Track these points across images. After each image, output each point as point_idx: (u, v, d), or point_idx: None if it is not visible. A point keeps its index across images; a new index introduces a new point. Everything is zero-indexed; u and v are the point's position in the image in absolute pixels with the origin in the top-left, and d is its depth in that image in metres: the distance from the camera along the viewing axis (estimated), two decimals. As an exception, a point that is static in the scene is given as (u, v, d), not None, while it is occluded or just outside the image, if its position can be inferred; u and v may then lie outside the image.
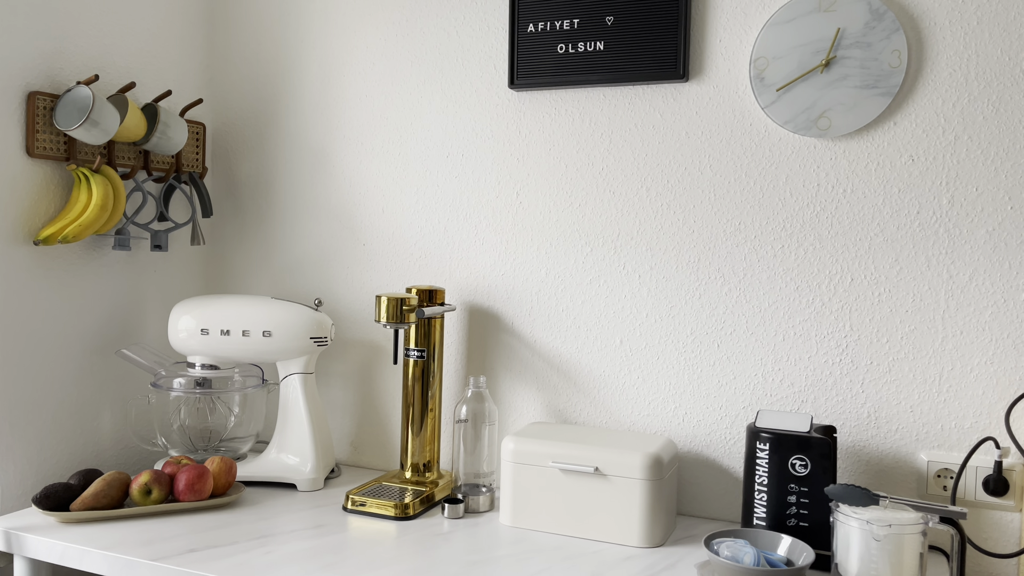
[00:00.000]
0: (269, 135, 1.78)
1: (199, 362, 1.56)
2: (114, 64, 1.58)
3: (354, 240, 1.70)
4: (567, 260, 1.53)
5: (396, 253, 1.67)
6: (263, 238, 1.79)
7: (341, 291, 1.72)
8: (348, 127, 1.70)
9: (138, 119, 1.54)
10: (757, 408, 1.40)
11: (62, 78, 1.48)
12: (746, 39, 1.39)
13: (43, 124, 1.44)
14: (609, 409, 1.51)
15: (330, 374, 1.74)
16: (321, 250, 1.74)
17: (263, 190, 1.78)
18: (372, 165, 1.68)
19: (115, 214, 1.51)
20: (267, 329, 1.53)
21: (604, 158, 1.50)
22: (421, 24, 1.63)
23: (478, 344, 1.61)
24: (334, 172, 1.72)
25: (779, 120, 1.36)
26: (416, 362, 1.52)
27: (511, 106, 1.56)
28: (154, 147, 1.58)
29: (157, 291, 1.71)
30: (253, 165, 1.79)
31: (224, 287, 1.84)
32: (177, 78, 1.73)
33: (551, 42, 1.50)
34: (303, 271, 1.76)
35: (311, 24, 1.72)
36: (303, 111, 1.74)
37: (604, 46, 1.47)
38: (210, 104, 1.82)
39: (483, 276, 1.60)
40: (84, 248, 1.54)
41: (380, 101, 1.67)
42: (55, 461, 1.50)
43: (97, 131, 1.44)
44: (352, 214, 1.70)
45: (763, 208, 1.39)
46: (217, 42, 1.81)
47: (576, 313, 1.53)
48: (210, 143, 1.83)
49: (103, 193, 1.46)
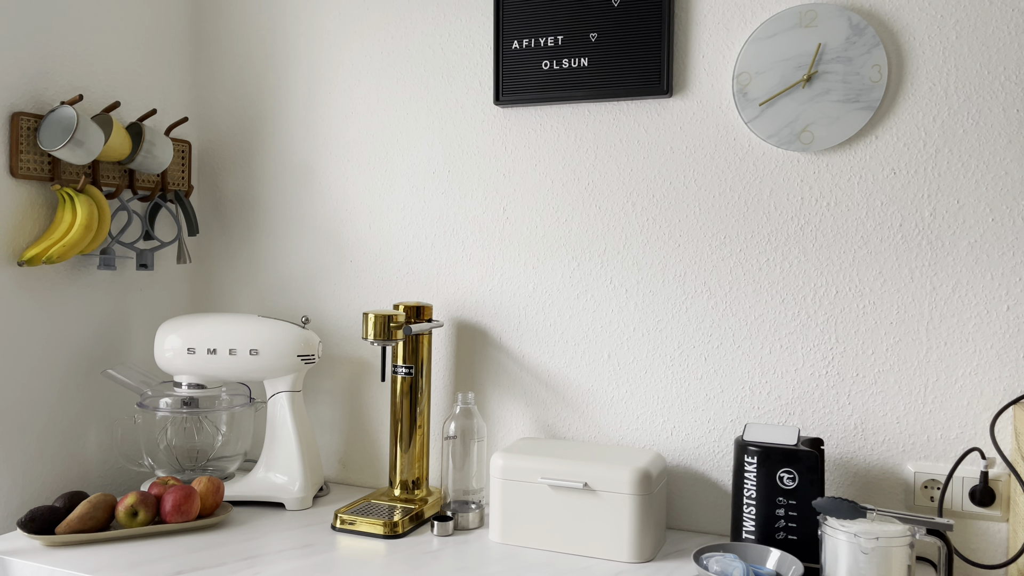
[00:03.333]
0: (255, 152, 1.78)
1: (186, 381, 1.55)
2: (99, 83, 1.58)
3: (341, 257, 1.70)
4: (554, 275, 1.54)
5: (383, 269, 1.67)
6: (250, 256, 1.79)
7: (328, 308, 1.72)
8: (334, 144, 1.70)
9: (123, 138, 1.53)
10: (745, 421, 1.41)
11: (46, 98, 1.48)
12: (729, 54, 1.40)
13: (27, 144, 1.43)
14: (598, 424, 1.51)
15: (318, 391, 1.74)
16: (308, 267, 1.73)
17: (249, 207, 1.78)
18: (359, 182, 1.68)
19: (100, 234, 1.51)
20: (254, 347, 1.52)
21: (590, 173, 1.51)
22: (406, 41, 1.63)
23: (466, 360, 1.61)
24: (321, 189, 1.72)
25: (762, 134, 1.37)
26: (404, 379, 1.52)
27: (497, 122, 1.57)
28: (139, 166, 1.58)
29: (143, 310, 1.71)
30: (239, 182, 1.79)
31: (211, 305, 1.83)
32: (162, 96, 1.73)
33: (536, 59, 1.51)
34: (290, 288, 1.75)
35: (297, 41, 1.73)
36: (289, 128, 1.74)
37: (588, 62, 1.48)
38: (196, 122, 1.82)
39: (470, 291, 1.60)
40: (69, 268, 1.54)
41: (366, 118, 1.67)
42: (41, 483, 1.49)
43: (82, 151, 1.43)
44: (339, 231, 1.70)
45: (748, 221, 1.40)
46: (203, 60, 1.81)
47: (564, 328, 1.53)
48: (196, 161, 1.82)
49: (88, 213, 1.46)
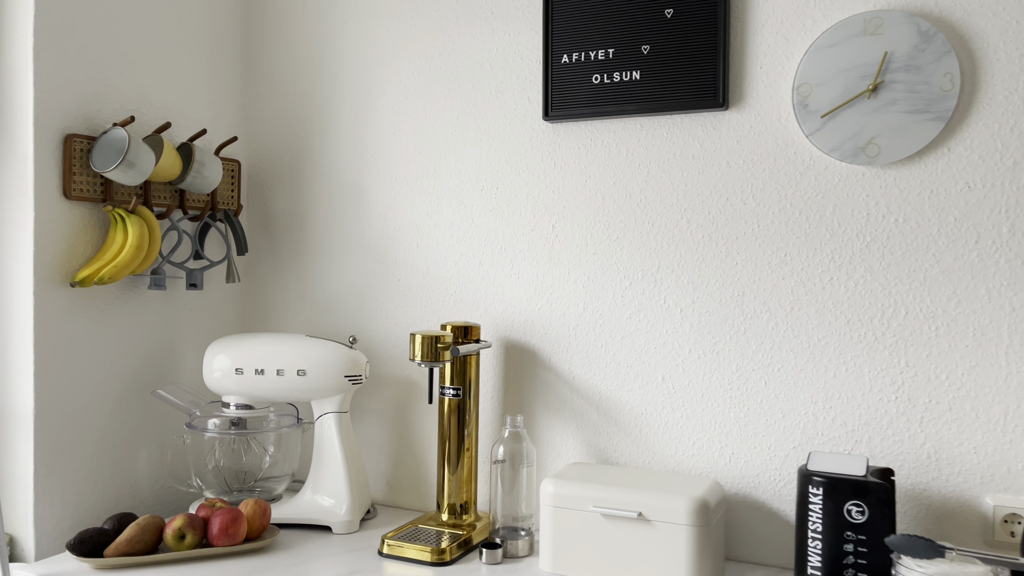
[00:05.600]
0: (303, 171, 1.77)
1: (234, 402, 1.54)
2: (150, 105, 1.59)
3: (388, 275, 1.68)
4: (605, 294, 1.49)
5: (431, 288, 1.64)
6: (298, 274, 1.78)
7: (376, 327, 1.70)
8: (382, 162, 1.69)
9: (173, 159, 1.54)
10: (808, 448, 1.34)
11: (99, 120, 1.49)
12: (788, 65, 1.34)
13: (80, 166, 1.44)
14: (652, 449, 1.45)
15: (365, 411, 1.71)
16: (356, 286, 1.72)
17: (298, 226, 1.78)
18: (406, 200, 1.66)
19: (151, 254, 1.51)
20: (301, 368, 1.51)
21: (642, 189, 1.46)
22: (454, 57, 1.61)
23: (514, 381, 1.57)
24: (368, 207, 1.70)
25: (824, 148, 1.31)
26: (452, 400, 1.48)
27: (546, 138, 1.53)
28: (189, 186, 1.59)
29: (193, 330, 1.71)
30: (288, 201, 1.79)
31: (259, 324, 1.83)
32: (212, 116, 1.74)
33: (586, 72, 1.47)
34: (338, 307, 1.74)
35: (345, 60, 1.72)
36: (337, 146, 1.73)
37: (640, 75, 1.43)
38: (245, 141, 1.82)
39: (519, 311, 1.56)
40: (120, 288, 1.54)
41: (413, 135, 1.65)
42: (91, 503, 1.49)
43: (133, 172, 1.44)
44: (386, 249, 1.68)
45: (810, 239, 1.33)
46: (252, 80, 1.82)
47: (616, 349, 1.48)
48: (245, 180, 1.83)
49: (139, 233, 1.46)
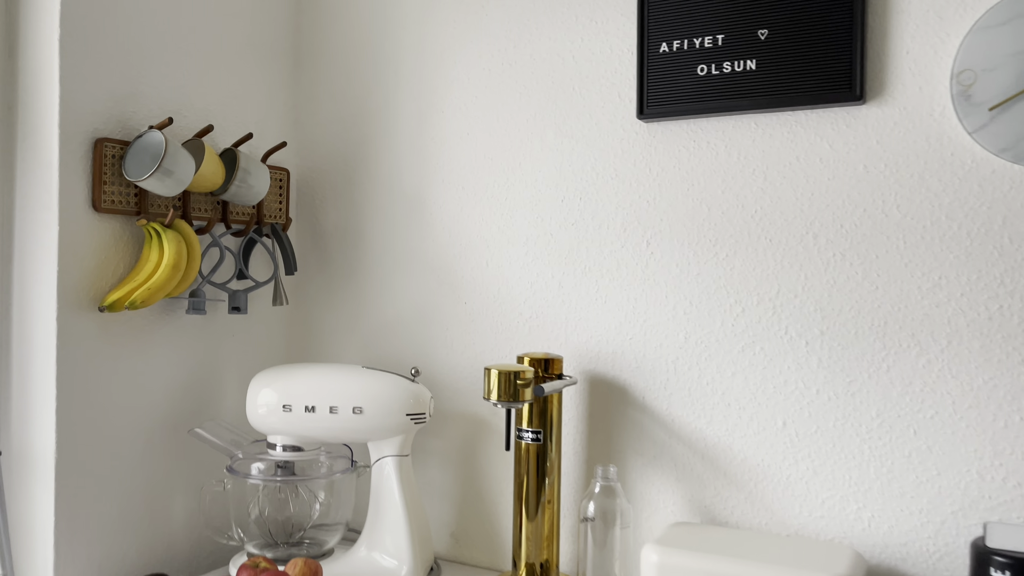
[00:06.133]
0: (359, 180, 1.58)
1: (280, 442, 1.35)
2: (190, 106, 1.42)
3: (454, 298, 1.48)
4: (712, 322, 1.27)
5: (503, 313, 1.44)
6: (352, 296, 1.59)
7: (440, 357, 1.50)
8: (447, 169, 1.49)
9: (216, 166, 1.36)
10: (972, 515, 1.10)
11: (134, 123, 1.32)
12: (943, 49, 1.11)
13: (111, 175, 1.27)
14: (770, 508, 1.22)
15: (427, 452, 1.51)
16: (417, 309, 1.52)
17: (352, 242, 1.59)
18: (474, 212, 1.46)
19: (189, 274, 1.33)
20: (358, 405, 1.31)
21: (758, 199, 1.24)
22: (530, 50, 1.41)
23: (601, 423, 1.35)
24: (431, 220, 1.51)
25: (993, 148, 1.07)
26: (530, 446, 1.27)
27: (640, 140, 1.32)
28: (233, 197, 1.41)
29: (235, 359, 1.53)
30: (342, 214, 1.60)
31: (309, 352, 1.64)
32: (259, 119, 1.56)
33: (689, 63, 1.26)
34: (397, 334, 1.54)
35: (405, 57, 1.53)
36: (397, 153, 1.54)
37: (756, 64, 1.22)
38: (295, 147, 1.64)
39: (607, 341, 1.35)
40: (154, 313, 1.37)
41: (484, 139, 1.46)
42: (119, 558, 1.31)
43: (170, 181, 1.26)
44: (452, 268, 1.48)
45: (972, 259, 1.10)
46: (303, 80, 1.64)
47: (725, 387, 1.26)
48: (295, 191, 1.65)
49: (176, 251, 1.29)
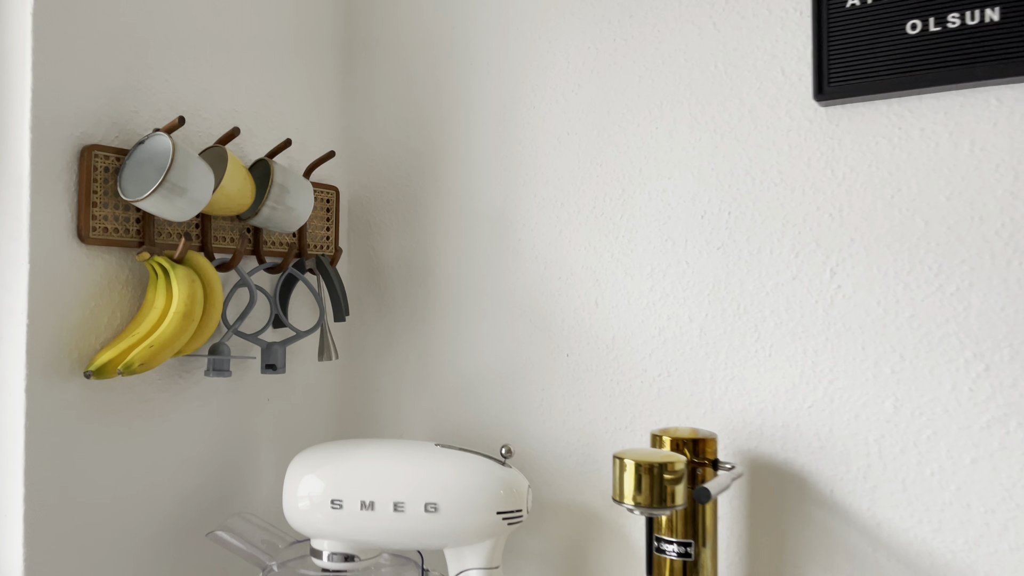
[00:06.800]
0: (426, 199, 1.25)
1: (328, 549, 1.00)
2: (212, 105, 1.10)
3: (552, 348, 1.13)
4: (937, 384, 0.88)
5: (619, 369, 1.07)
6: (420, 349, 1.24)
7: (535, 428, 1.14)
8: (540, 181, 1.14)
9: (243, 182, 1.04)
10: None
11: (134, 125, 1.00)
12: None
13: (103, 193, 0.95)
14: (1049, 665, 0.82)
15: (520, 554, 1.15)
16: (505, 365, 1.17)
17: (418, 278, 1.25)
18: (578, 235, 1.11)
19: (207, 323, 1.00)
20: (431, 500, 0.96)
21: (1005, 208, 0.86)
22: (653, 20, 1.06)
23: (771, 528, 0.97)
24: (520, 247, 1.16)
25: None
26: (675, 562, 0.90)
27: (817, 130, 0.96)
28: (267, 222, 1.08)
29: (269, 433, 1.19)
30: (404, 243, 1.26)
31: (366, 423, 1.29)
32: (300, 124, 1.24)
33: (893, 20, 0.89)
34: (479, 397, 1.19)
35: (485, 40, 1.19)
36: (475, 162, 1.20)
37: (1000, 14, 0.84)
38: (345, 159, 1.32)
39: (773, 410, 0.97)
40: (162, 376, 1.04)
41: (590, 139, 1.11)
42: None
43: (182, 201, 0.94)
44: (548, 310, 1.13)
45: None
46: (355, 72, 1.31)
47: (959, 481, 0.87)
48: (345, 214, 1.32)
49: (188, 295, 0.96)
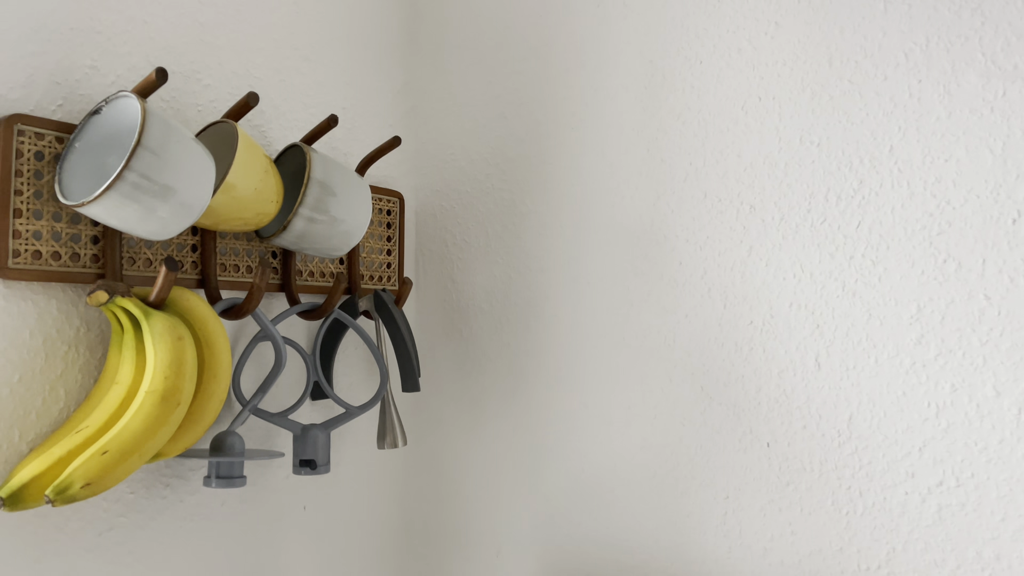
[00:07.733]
0: (530, 208, 0.86)
1: None
2: (216, 65, 0.72)
3: (742, 433, 0.72)
4: None
5: (863, 471, 0.67)
6: (524, 429, 0.85)
7: (712, 555, 0.73)
8: (712, 174, 0.75)
9: (262, 177, 0.65)
10: None
11: (89, 86, 0.63)
12: None
13: (33, 195, 0.58)
14: None
15: None
16: (659, 456, 0.76)
17: (519, 323, 0.85)
18: (782, 255, 0.71)
19: (204, 404, 0.63)
20: None
21: None
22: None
23: None
24: (682, 276, 0.76)
25: None
26: None
27: None
28: (300, 240, 0.70)
29: (305, 558, 0.79)
30: (498, 271, 0.87)
31: (443, 541, 0.90)
32: (349, 100, 0.86)
33: None
34: (617, 505, 0.79)
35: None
36: (605, 150, 0.82)
37: None
38: (412, 151, 0.94)
39: None
40: (133, 489, 0.66)
41: (797, 106, 0.71)
42: None
43: (163, 205, 0.59)
44: (732, 372, 0.73)
45: None
46: (424, 30, 0.94)
47: None
48: (413, 229, 0.93)
49: (170, 361, 0.58)
